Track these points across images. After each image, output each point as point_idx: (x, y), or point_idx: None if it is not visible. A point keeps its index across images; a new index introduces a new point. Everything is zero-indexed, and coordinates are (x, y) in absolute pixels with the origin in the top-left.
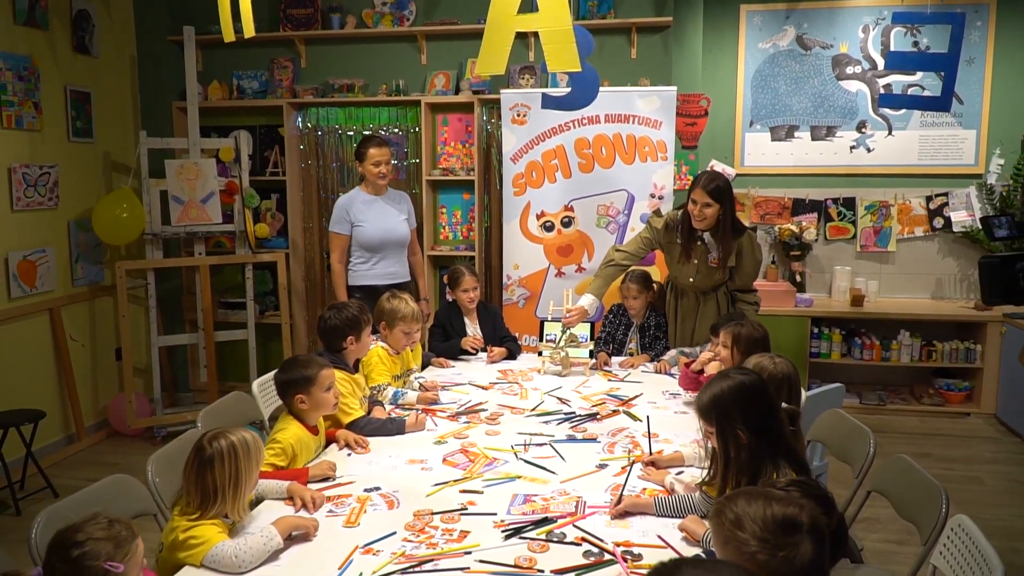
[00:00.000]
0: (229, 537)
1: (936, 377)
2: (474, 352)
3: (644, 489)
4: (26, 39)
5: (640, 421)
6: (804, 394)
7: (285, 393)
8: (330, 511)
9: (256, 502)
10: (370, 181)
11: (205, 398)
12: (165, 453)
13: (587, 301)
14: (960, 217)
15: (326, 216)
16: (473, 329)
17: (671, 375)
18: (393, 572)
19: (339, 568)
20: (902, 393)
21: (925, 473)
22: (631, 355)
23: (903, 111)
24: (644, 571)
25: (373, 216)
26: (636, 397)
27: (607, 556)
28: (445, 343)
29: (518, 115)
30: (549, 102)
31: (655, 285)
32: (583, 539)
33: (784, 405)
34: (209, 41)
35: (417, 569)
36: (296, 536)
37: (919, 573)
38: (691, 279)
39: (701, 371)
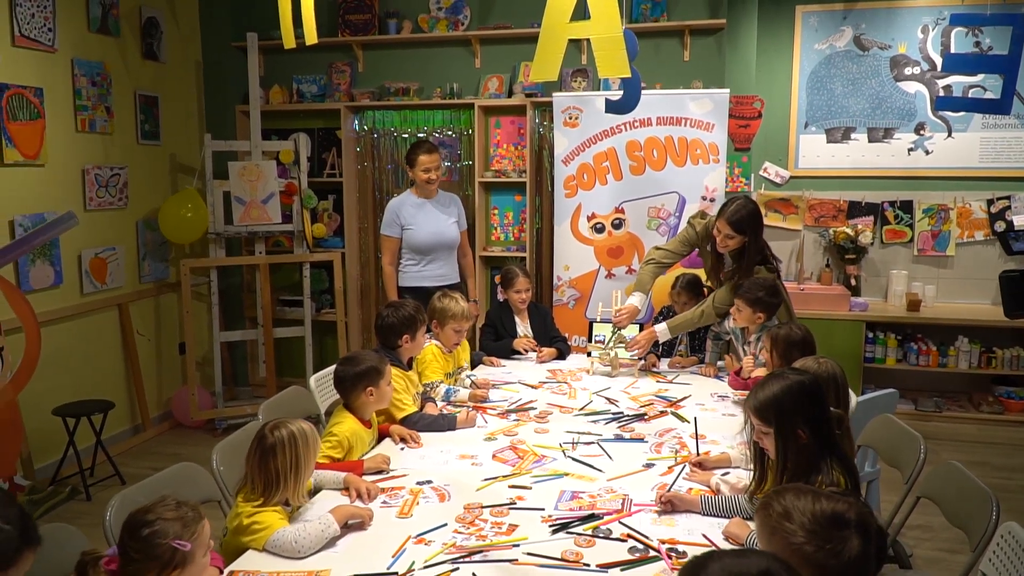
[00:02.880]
0: (289, 524)
1: (996, 385)
2: (525, 352)
3: (690, 489)
4: (99, 46)
5: (688, 422)
6: (854, 398)
7: (355, 386)
8: (384, 502)
9: (314, 491)
10: (420, 186)
11: (263, 392)
12: (229, 443)
13: (637, 300)
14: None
15: (381, 217)
16: (524, 329)
17: (719, 378)
18: (444, 561)
19: (392, 556)
20: (960, 400)
21: (976, 480)
22: (680, 356)
23: (963, 112)
24: None
25: (423, 220)
26: (684, 399)
27: (652, 553)
28: (497, 342)
29: (570, 118)
30: (611, 106)
31: (705, 290)
32: (628, 536)
33: (831, 410)
34: (270, 46)
35: (467, 559)
36: (352, 525)
37: None
38: (715, 291)
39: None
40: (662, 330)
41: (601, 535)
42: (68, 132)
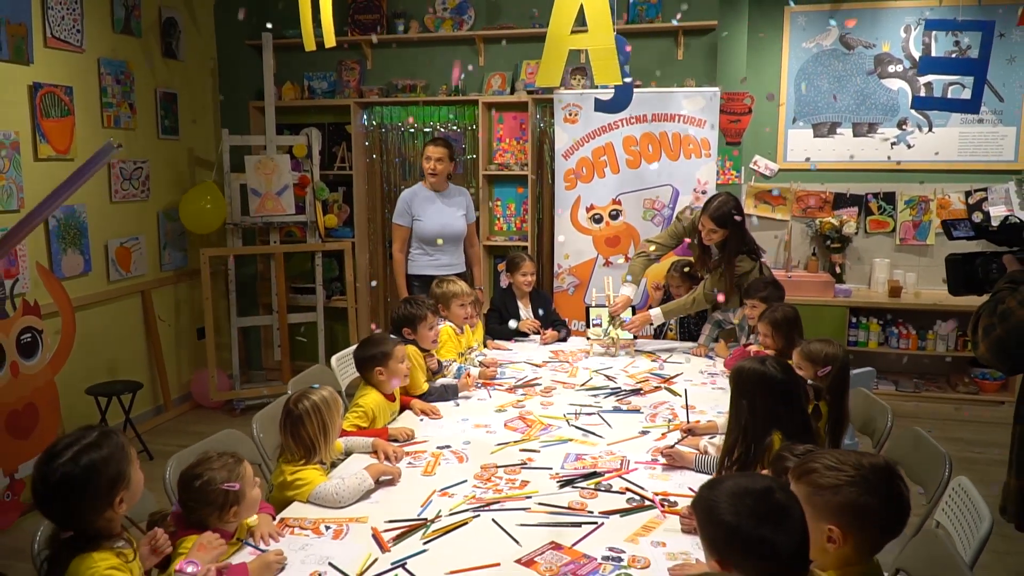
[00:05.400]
0: (327, 479)
1: (972, 367)
2: (531, 332)
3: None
4: (123, 46)
5: (679, 396)
6: None
7: (366, 367)
8: (409, 463)
9: (346, 455)
10: (426, 176)
11: (277, 376)
12: (266, 414)
13: (630, 290)
14: (999, 212)
15: (389, 208)
16: (526, 312)
17: (709, 357)
18: (466, 510)
19: (421, 506)
20: (938, 382)
21: (933, 442)
22: (671, 331)
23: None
24: (677, 515)
25: (432, 212)
26: (676, 376)
27: (647, 503)
28: (502, 326)
29: (570, 114)
30: (600, 106)
31: (698, 277)
32: (627, 489)
33: (809, 382)
34: (283, 45)
35: (486, 508)
36: (383, 481)
37: (926, 526)
38: (705, 279)
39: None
40: (656, 314)
41: (603, 489)
42: (95, 128)
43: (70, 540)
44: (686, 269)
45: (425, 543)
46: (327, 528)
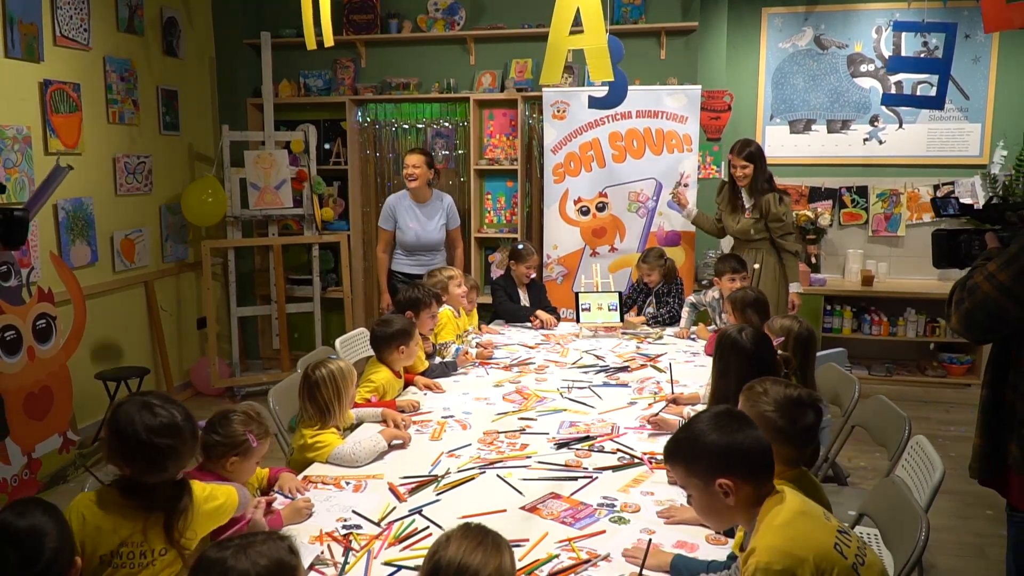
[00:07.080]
0: (343, 442)
1: (940, 351)
2: (542, 326)
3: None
4: (126, 44)
5: (664, 372)
6: None
7: (389, 344)
8: (417, 430)
9: (357, 424)
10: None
11: (276, 364)
12: (280, 388)
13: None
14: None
15: (383, 201)
16: (525, 300)
17: (691, 339)
18: (473, 467)
19: (431, 465)
20: (908, 366)
21: (895, 407)
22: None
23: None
24: (664, 470)
25: (411, 223)
26: (661, 355)
27: (636, 460)
28: (512, 304)
29: (558, 111)
30: (595, 103)
31: (667, 260)
32: (618, 450)
33: (780, 352)
34: (279, 44)
35: (490, 466)
36: (394, 445)
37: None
38: (734, 225)
39: None
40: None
41: (596, 450)
42: (101, 124)
43: (182, 483)
44: (661, 259)
45: (438, 495)
46: (347, 483)
